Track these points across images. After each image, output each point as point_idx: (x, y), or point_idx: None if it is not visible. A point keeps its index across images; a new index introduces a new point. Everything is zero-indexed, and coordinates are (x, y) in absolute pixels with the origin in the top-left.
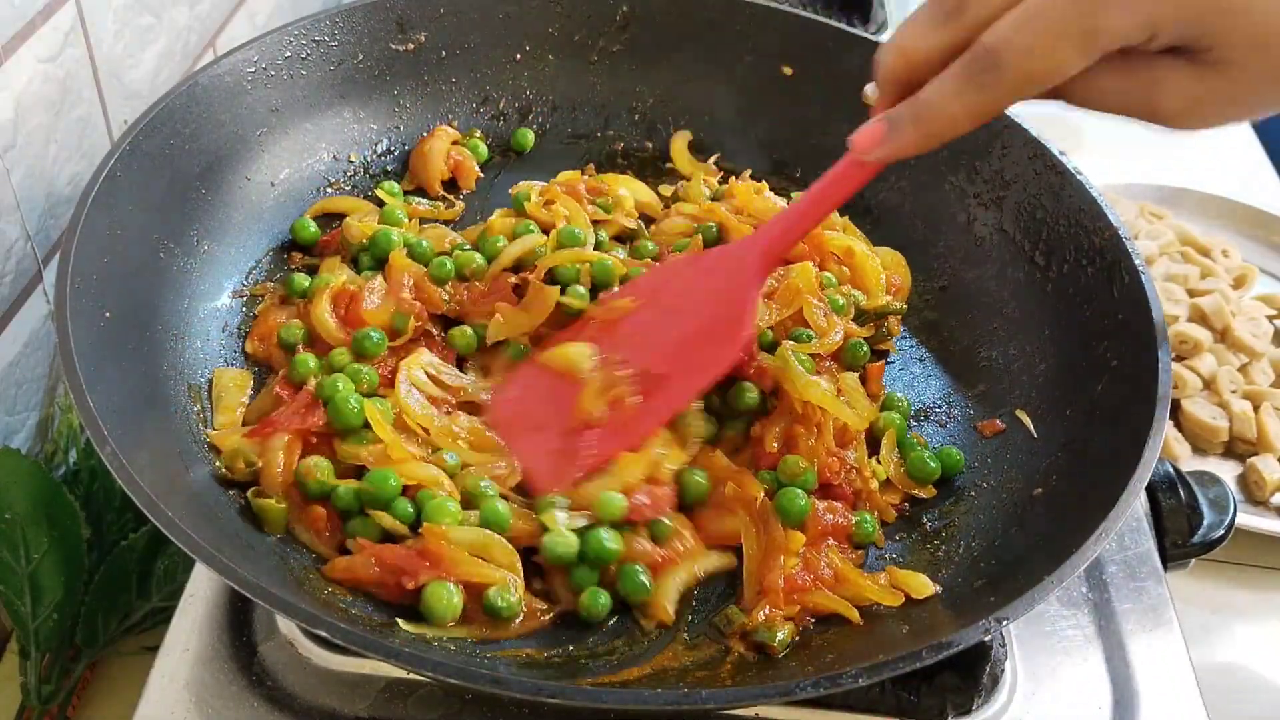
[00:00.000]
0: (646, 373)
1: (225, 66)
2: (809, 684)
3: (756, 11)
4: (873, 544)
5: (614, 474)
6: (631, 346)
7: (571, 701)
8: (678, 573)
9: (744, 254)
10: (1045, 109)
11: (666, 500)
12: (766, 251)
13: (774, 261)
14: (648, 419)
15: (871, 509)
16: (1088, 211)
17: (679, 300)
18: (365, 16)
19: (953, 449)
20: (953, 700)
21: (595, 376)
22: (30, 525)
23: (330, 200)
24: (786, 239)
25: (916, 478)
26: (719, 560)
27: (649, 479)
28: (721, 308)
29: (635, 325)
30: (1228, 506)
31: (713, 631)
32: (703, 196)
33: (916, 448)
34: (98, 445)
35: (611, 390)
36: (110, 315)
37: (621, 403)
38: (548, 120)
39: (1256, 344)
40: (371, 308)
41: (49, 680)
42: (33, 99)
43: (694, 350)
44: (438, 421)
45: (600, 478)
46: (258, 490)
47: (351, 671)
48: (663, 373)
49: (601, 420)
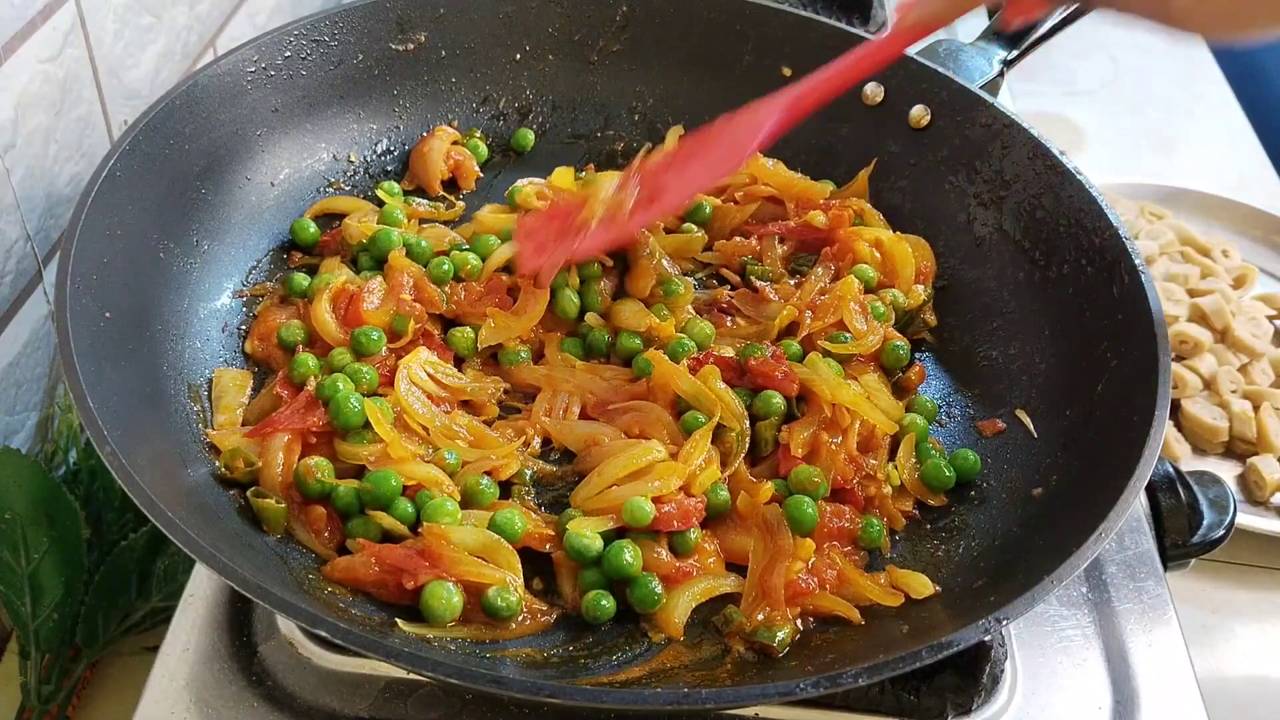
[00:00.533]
0: (653, 187)
1: (225, 66)
2: (809, 684)
3: (756, 11)
4: (878, 549)
5: (647, 480)
6: (649, 176)
7: (571, 701)
8: (693, 587)
9: (766, 103)
10: (1045, 109)
11: (695, 513)
12: (786, 105)
13: (793, 112)
14: (639, 216)
15: (882, 515)
16: (1088, 211)
17: (702, 142)
18: (365, 16)
19: (969, 452)
20: (953, 700)
21: (607, 197)
22: (30, 525)
23: (330, 200)
24: (806, 100)
25: (931, 485)
26: (737, 584)
27: (684, 489)
28: (732, 138)
29: (660, 164)
30: (1228, 506)
31: (712, 632)
32: None
33: (933, 454)
34: (98, 445)
35: (613, 202)
36: (110, 315)
37: (619, 209)
38: (548, 120)
39: (1256, 344)
40: (371, 308)
41: (49, 680)
42: (33, 99)
43: (698, 167)
44: (438, 421)
45: (633, 483)
46: (258, 490)
47: (351, 671)
48: (664, 184)
49: (594, 223)
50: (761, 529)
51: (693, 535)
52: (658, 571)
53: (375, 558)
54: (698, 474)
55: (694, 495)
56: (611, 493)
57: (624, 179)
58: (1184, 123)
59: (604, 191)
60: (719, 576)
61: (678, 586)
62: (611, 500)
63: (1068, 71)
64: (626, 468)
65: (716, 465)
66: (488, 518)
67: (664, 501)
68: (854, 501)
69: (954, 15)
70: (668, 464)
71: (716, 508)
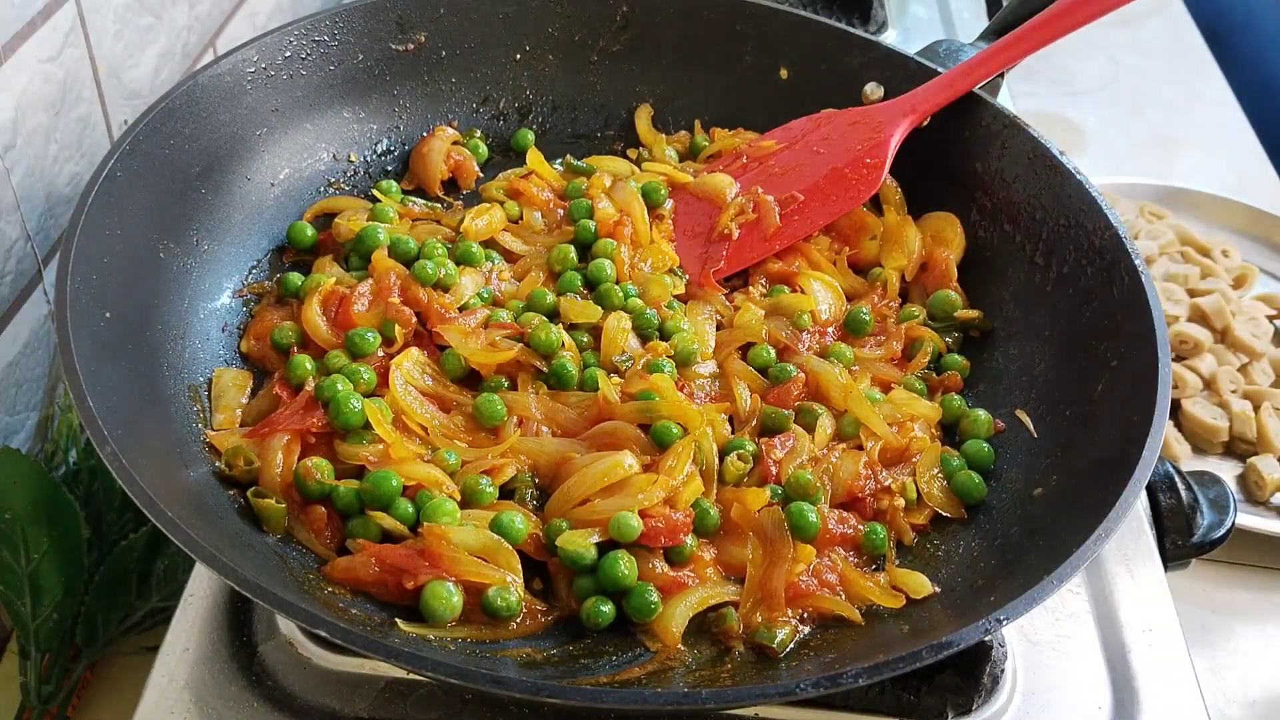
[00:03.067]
0: (784, 200)
1: (225, 66)
2: (809, 684)
3: (756, 11)
4: (882, 555)
5: (630, 494)
6: (771, 179)
7: (571, 701)
8: (689, 597)
9: (891, 110)
10: (1045, 109)
11: (683, 529)
12: (911, 110)
13: (916, 120)
14: (778, 237)
15: (890, 528)
16: (1088, 212)
17: (821, 146)
18: (365, 16)
19: (980, 443)
20: (953, 700)
21: (735, 202)
22: (30, 525)
23: (330, 200)
24: (930, 101)
25: (963, 496)
26: (735, 593)
27: (667, 503)
28: (861, 154)
29: (779, 162)
30: (1228, 506)
31: (711, 635)
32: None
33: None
34: (98, 445)
35: (741, 215)
36: (110, 315)
37: (754, 222)
38: (548, 120)
39: (1256, 344)
40: (361, 311)
41: (49, 680)
42: (33, 99)
43: (829, 186)
44: (436, 421)
45: (616, 497)
46: (258, 490)
47: (351, 671)
48: (798, 203)
49: (733, 235)
50: (759, 536)
51: (688, 545)
52: (654, 582)
53: (375, 558)
54: (681, 489)
55: (679, 510)
56: (596, 506)
57: (742, 176)
58: (1184, 123)
59: (727, 193)
60: (716, 585)
61: (674, 596)
62: (596, 514)
63: (1067, 72)
64: (599, 482)
65: (699, 480)
66: (488, 518)
67: (650, 516)
68: (861, 510)
69: None
70: (647, 476)
71: (707, 528)
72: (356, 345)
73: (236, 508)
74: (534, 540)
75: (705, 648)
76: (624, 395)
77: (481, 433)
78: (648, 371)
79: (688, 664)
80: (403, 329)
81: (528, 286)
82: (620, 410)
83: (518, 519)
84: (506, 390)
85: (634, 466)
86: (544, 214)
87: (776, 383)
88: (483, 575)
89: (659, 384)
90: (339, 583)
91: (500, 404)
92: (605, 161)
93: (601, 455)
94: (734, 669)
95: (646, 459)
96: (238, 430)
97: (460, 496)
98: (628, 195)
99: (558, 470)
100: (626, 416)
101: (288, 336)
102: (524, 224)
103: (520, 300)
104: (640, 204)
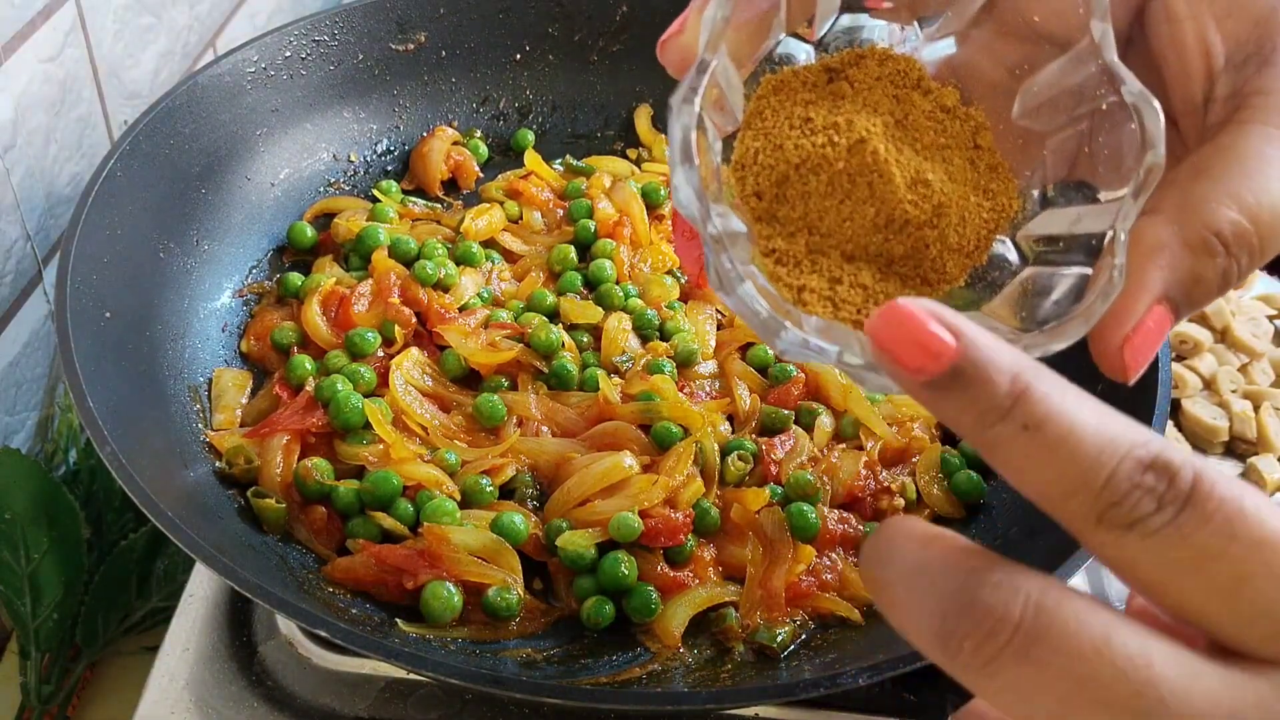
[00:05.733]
0: None
1: (225, 66)
2: (809, 684)
3: None
4: None
5: (629, 494)
6: None
7: (571, 701)
8: (689, 597)
9: None
10: None
11: (683, 529)
12: None
13: None
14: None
15: None
16: None
17: None
18: (365, 16)
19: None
20: (953, 700)
21: None
22: (30, 525)
23: (330, 200)
24: None
25: (962, 495)
26: (735, 593)
27: (668, 503)
28: None
29: None
30: None
31: (711, 635)
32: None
33: (955, 462)
34: (98, 445)
35: None
36: (110, 315)
37: None
38: (548, 120)
39: (1256, 344)
40: (361, 311)
41: (49, 680)
42: (33, 99)
43: None
44: (436, 421)
45: (616, 498)
46: (258, 490)
47: (351, 671)
48: None
49: None
50: (759, 536)
51: (688, 545)
52: (654, 582)
53: (375, 558)
54: (681, 489)
55: (679, 510)
56: (596, 506)
57: None
58: None
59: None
60: (716, 585)
61: (674, 596)
62: (597, 514)
63: None
64: (600, 482)
65: (699, 480)
66: (488, 518)
67: (649, 516)
68: (861, 510)
69: None
70: (647, 476)
71: (708, 528)
72: (356, 345)
73: (236, 508)
74: (534, 540)
75: (705, 648)
76: (624, 396)
77: (481, 433)
78: (648, 372)
79: (688, 664)
80: (403, 329)
81: (528, 287)
82: (621, 411)
83: (518, 519)
84: (506, 390)
85: (634, 467)
86: (544, 214)
87: (776, 383)
88: (483, 575)
89: (660, 385)
90: (339, 583)
91: (500, 404)
92: (605, 162)
93: (602, 455)
94: (734, 669)
95: (647, 459)
96: (238, 430)
97: (460, 496)
98: (627, 195)
99: (558, 470)
100: (627, 417)
101: (288, 336)
102: (524, 224)
103: (520, 300)
104: (640, 204)
